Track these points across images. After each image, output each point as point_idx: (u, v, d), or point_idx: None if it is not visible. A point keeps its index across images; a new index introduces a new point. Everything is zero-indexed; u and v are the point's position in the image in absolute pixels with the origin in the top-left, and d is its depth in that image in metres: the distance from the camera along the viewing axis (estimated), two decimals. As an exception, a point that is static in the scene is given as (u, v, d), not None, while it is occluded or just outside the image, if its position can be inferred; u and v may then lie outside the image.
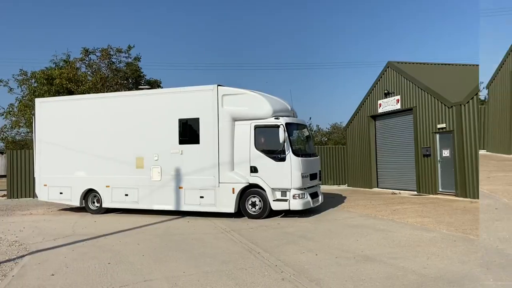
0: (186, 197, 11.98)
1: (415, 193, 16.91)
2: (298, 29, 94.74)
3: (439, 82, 17.19)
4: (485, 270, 5.99)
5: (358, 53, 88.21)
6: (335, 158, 23.24)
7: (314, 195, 11.94)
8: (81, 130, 13.40)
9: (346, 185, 22.25)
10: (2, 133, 25.36)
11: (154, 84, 26.49)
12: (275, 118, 11.33)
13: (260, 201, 11.38)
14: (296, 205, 11.10)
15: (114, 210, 13.40)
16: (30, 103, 23.04)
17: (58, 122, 13.77)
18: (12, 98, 49.07)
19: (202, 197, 11.78)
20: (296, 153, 11.28)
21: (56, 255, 7.77)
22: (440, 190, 15.97)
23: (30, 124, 23.06)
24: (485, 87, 24.73)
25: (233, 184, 11.49)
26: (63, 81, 22.97)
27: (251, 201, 11.47)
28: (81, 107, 13.72)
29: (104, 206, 13.16)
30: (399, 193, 17.32)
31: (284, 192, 11.19)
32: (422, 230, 9.24)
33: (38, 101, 14.65)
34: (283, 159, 11.12)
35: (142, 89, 19.50)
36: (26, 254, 7.86)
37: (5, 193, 21.31)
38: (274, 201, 11.22)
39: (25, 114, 23.73)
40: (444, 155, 15.86)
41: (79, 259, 7.40)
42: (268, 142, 11.40)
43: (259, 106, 11.49)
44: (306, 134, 13.01)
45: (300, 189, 11.20)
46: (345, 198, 15.95)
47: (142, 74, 26.37)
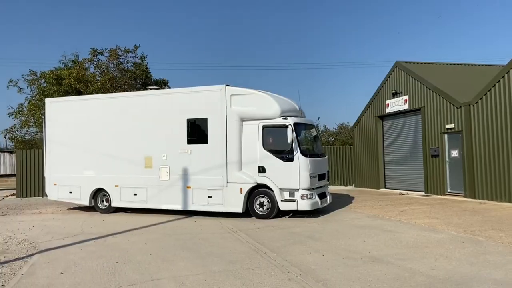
0: (194, 196, 12.03)
1: (423, 193, 16.82)
2: (306, 29, 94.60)
3: (448, 82, 17.08)
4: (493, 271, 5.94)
5: (366, 52, 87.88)
6: (342, 158, 23.19)
7: (322, 196, 11.92)
8: (90, 130, 13.50)
9: (353, 185, 22.19)
10: (12, 132, 25.62)
11: (162, 84, 26.60)
12: (283, 118, 11.32)
13: (268, 201, 11.38)
14: (304, 205, 11.09)
15: (122, 209, 13.49)
16: (39, 103, 23.26)
17: (68, 121, 13.88)
18: (21, 98, 49.47)
19: (210, 197, 11.82)
20: (304, 153, 11.26)
21: (65, 254, 7.84)
22: (448, 190, 15.86)
23: (39, 123, 23.28)
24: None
25: (241, 184, 11.51)
26: (72, 81, 23.15)
27: (259, 201, 11.48)
28: (90, 107, 13.82)
29: (113, 205, 13.25)
30: (407, 193, 17.24)
31: (292, 192, 11.18)
32: (430, 231, 9.19)
33: (48, 101, 14.77)
34: (291, 159, 11.11)
35: (150, 89, 19.58)
36: (35, 253, 7.93)
37: (14, 192, 21.54)
38: (282, 201, 11.22)
39: (34, 114, 23.95)
40: (452, 156, 15.75)
41: (88, 258, 7.46)
42: (276, 142, 11.40)
43: (267, 106, 11.49)
44: (314, 134, 12.98)
45: (308, 189, 11.18)
46: (352, 198, 15.91)
47: (149, 75, 26.48)
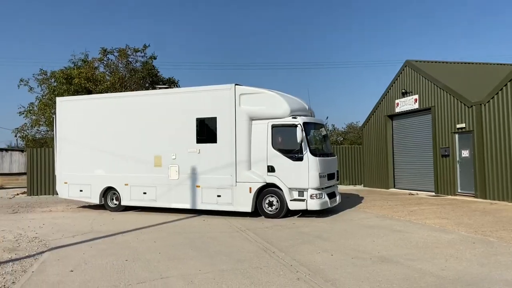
0: (203, 196, 12.05)
1: (433, 194, 16.68)
2: (315, 28, 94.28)
3: (459, 81, 16.91)
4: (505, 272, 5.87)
5: (375, 52, 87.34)
6: (351, 158, 23.10)
7: (331, 195, 11.87)
8: (100, 129, 13.59)
9: (362, 185, 22.08)
10: (23, 131, 25.87)
11: (171, 83, 26.69)
12: (293, 118, 11.28)
13: (277, 200, 11.36)
14: (313, 205, 11.05)
15: (132, 208, 13.57)
16: (50, 102, 23.48)
17: (78, 120, 14.00)
18: (32, 97, 50.11)
19: (219, 196, 11.83)
20: (313, 152, 11.22)
21: (75, 252, 7.90)
22: (459, 191, 15.71)
23: (49, 122, 23.51)
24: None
25: (250, 183, 11.51)
26: (82, 80, 23.33)
27: (268, 200, 11.47)
28: (100, 106, 13.92)
29: (122, 204, 13.33)
30: (417, 193, 17.11)
31: (301, 192, 11.14)
32: (440, 231, 9.11)
33: (58, 100, 14.90)
34: (301, 159, 11.07)
35: (160, 88, 19.67)
36: (45, 250, 8.01)
37: (25, 190, 21.78)
38: (291, 201, 11.19)
39: (45, 113, 24.18)
40: (463, 156, 15.60)
41: (97, 256, 7.51)
42: (285, 142, 11.38)
43: (277, 105, 11.47)
44: (324, 133, 12.94)
45: (317, 189, 11.14)
46: (361, 198, 15.83)
47: (158, 74, 26.57)
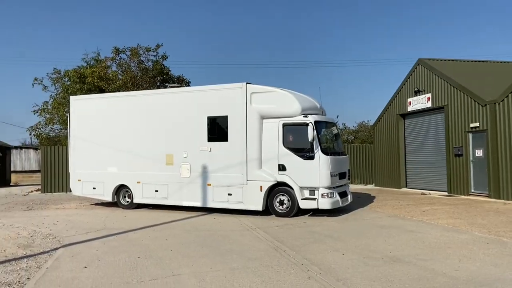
0: (214, 194, 12.10)
1: (446, 193, 16.52)
2: (326, 27, 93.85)
3: (472, 80, 16.71)
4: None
5: (387, 50, 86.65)
6: (362, 157, 22.98)
7: (343, 194, 11.82)
8: (113, 127, 13.73)
9: (373, 184, 21.96)
10: (37, 129, 26.25)
11: (182, 82, 26.83)
12: (304, 116, 11.26)
13: (288, 199, 11.35)
14: (325, 204, 11.02)
15: (143, 205, 13.69)
16: (63, 101, 23.77)
17: (91, 119, 14.15)
18: (46, 95, 50.68)
19: (230, 194, 11.87)
20: (325, 151, 11.19)
21: (88, 248, 8.00)
22: (472, 191, 15.54)
23: (63, 121, 23.81)
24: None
25: (261, 182, 11.52)
26: (95, 79, 23.58)
27: (279, 199, 11.46)
28: (113, 105, 14.06)
29: (135, 201, 13.45)
30: (429, 193, 16.96)
31: (312, 190, 11.12)
32: (453, 231, 9.03)
33: (72, 98, 15.09)
34: (312, 158, 11.04)
35: (171, 87, 19.78)
36: (59, 247, 8.12)
37: (39, 187, 22.11)
38: (302, 199, 11.17)
39: (58, 111, 24.49)
40: (477, 155, 15.42)
41: (110, 253, 7.60)
42: (296, 140, 11.35)
43: (288, 104, 11.45)
44: (335, 132, 12.89)
45: (329, 188, 11.11)
46: (373, 197, 15.75)
47: (169, 72, 26.71)
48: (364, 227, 9.79)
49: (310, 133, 10.87)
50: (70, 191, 15.33)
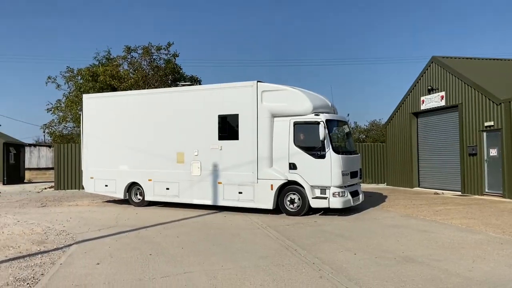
0: (224, 192, 12.12)
1: (459, 193, 16.32)
2: (338, 24, 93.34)
3: (487, 78, 16.46)
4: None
5: (400, 47, 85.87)
6: (374, 156, 22.80)
7: (354, 194, 11.74)
8: (125, 125, 13.82)
9: (385, 183, 21.78)
10: (50, 127, 26.57)
11: (193, 81, 26.91)
12: (315, 115, 11.20)
13: (298, 198, 11.31)
14: (336, 203, 10.96)
15: (155, 203, 13.77)
16: (76, 99, 24.01)
17: (104, 117, 14.27)
18: (59, 94, 51.23)
19: (240, 192, 11.87)
20: (336, 150, 11.12)
21: (101, 245, 8.08)
22: (486, 190, 15.33)
23: (76, 119, 24.06)
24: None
25: (271, 180, 11.50)
26: (107, 78, 23.76)
27: (290, 198, 11.43)
28: (125, 103, 14.15)
29: (146, 199, 13.53)
30: (442, 193, 16.77)
31: (323, 189, 11.07)
32: (467, 231, 8.91)
33: (85, 97, 15.23)
34: (323, 156, 10.98)
35: (183, 85, 19.85)
36: (73, 243, 8.21)
37: (52, 184, 22.38)
38: (313, 198, 11.12)
39: (71, 109, 24.75)
40: (491, 154, 15.20)
41: (122, 250, 7.66)
42: (307, 139, 11.30)
43: (299, 102, 11.40)
44: (347, 131, 12.80)
45: (340, 187, 11.04)
46: (384, 197, 15.63)
47: (180, 71, 26.82)
48: (376, 227, 9.72)
49: (322, 131, 10.81)
50: (83, 188, 15.50)
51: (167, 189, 13.03)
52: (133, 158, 13.61)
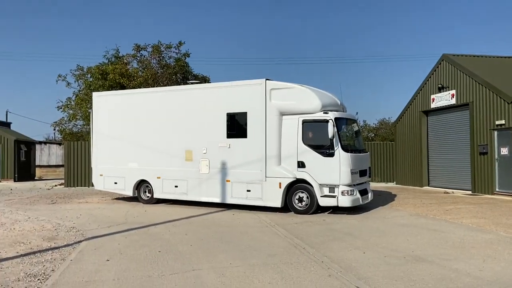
0: (233, 190, 12.13)
1: (470, 192, 16.17)
2: (348, 22, 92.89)
3: (498, 76, 16.28)
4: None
5: (410, 46, 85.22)
6: (383, 155, 22.67)
7: (363, 192, 11.69)
8: (134, 123, 13.88)
9: (394, 182, 21.64)
10: (60, 125, 26.79)
11: (202, 79, 26.95)
12: (324, 113, 11.16)
13: (307, 196, 11.28)
14: (344, 201, 10.92)
15: (163, 200, 13.83)
16: (86, 97, 24.19)
17: (113, 115, 14.35)
18: (69, 92, 51.59)
19: (249, 190, 11.87)
20: (345, 148, 11.07)
21: (110, 242, 8.13)
22: (497, 190, 15.17)
23: (86, 117, 24.23)
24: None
25: (280, 178, 11.48)
26: (116, 76, 23.89)
27: (298, 196, 11.41)
28: (134, 101, 14.21)
29: (155, 196, 13.59)
30: (452, 192, 16.63)
31: (332, 188, 11.03)
32: (477, 231, 8.83)
33: (95, 95, 15.33)
34: (332, 155, 10.94)
35: (192, 83, 19.90)
36: (82, 240, 8.28)
37: (62, 181, 22.59)
38: (321, 197, 11.09)
39: (81, 107, 24.92)
40: (502, 153, 15.03)
41: (132, 246, 7.70)
42: (316, 137, 11.27)
43: (308, 100, 11.36)
44: (356, 129, 12.74)
45: (349, 185, 10.99)
46: (394, 196, 15.54)
47: (190, 70, 26.86)
48: (385, 226, 9.67)
49: (330, 129, 10.76)
50: (92, 186, 15.62)
51: (176, 186, 13.08)
52: (142, 156, 13.66)
